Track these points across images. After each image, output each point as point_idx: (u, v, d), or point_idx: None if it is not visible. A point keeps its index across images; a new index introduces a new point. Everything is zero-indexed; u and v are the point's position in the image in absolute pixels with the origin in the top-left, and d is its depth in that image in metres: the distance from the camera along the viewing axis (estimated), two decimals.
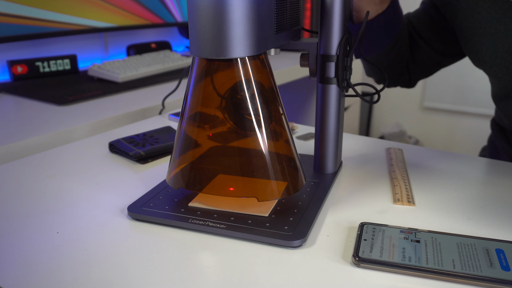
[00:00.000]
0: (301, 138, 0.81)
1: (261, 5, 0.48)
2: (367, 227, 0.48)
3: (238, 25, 0.46)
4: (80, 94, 1.08)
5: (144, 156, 0.70)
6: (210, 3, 0.45)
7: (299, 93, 1.91)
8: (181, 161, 0.53)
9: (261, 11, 0.48)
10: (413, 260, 0.42)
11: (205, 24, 0.46)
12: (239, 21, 0.46)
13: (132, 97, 1.08)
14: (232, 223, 0.49)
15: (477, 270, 0.40)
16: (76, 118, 0.91)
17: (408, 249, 0.44)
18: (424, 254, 0.43)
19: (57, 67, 1.33)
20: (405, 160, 0.69)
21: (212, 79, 0.51)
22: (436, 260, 0.42)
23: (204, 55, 0.48)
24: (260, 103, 0.49)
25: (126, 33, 1.60)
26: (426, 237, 0.46)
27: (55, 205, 0.56)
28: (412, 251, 0.44)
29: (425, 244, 0.45)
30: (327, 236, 0.48)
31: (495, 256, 0.42)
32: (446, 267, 0.41)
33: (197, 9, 0.46)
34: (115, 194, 0.59)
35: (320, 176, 0.62)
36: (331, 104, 0.60)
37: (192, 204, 0.53)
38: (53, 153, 0.74)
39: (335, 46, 0.57)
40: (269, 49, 0.52)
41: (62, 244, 0.47)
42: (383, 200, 0.57)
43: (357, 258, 0.43)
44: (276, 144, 0.52)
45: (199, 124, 0.52)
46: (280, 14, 0.54)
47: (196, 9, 0.46)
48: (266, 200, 0.51)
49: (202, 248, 0.47)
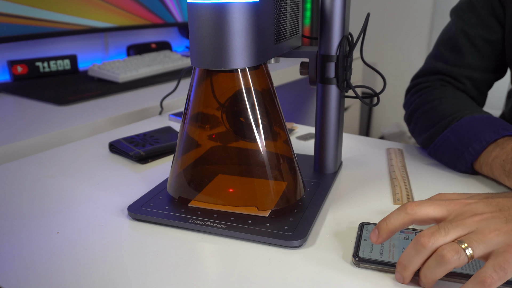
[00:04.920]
0: (301, 138, 0.81)
1: (261, 17, 0.48)
2: (367, 227, 0.48)
3: (239, 37, 0.46)
4: (80, 94, 1.08)
5: (144, 156, 0.69)
6: (211, 15, 0.45)
7: (299, 93, 1.91)
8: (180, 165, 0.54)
9: (261, 23, 0.48)
10: None
11: (206, 36, 0.46)
12: (239, 33, 0.46)
13: (132, 97, 1.08)
14: (232, 223, 0.49)
15: (476, 269, 0.40)
16: (76, 118, 0.91)
17: None
18: None
19: (57, 67, 1.32)
20: (405, 160, 0.69)
21: (213, 89, 0.51)
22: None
23: (205, 66, 0.48)
24: (260, 112, 0.50)
25: (126, 33, 1.60)
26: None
27: (55, 205, 0.56)
28: None
29: None
30: (327, 236, 0.48)
31: None
32: None
33: (198, 21, 0.46)
34: (115, 194, 0.59)
35: (320, 176, 0.62)
36: (331, 104, 0.60)
37: (192, 204, 0.53)
38: (53, 153, 0.74)
39: (335, 46, 0.57)
40: (269, 59, 0.52)
41: (62, 244, 0.47)
42: (383, 200, 0.57)
43: (357, 258, 0.43)
44: (276, 154, 0.52)
45: (200, 126, 0.52)
46: (280, 25, 0.54)
47: (197, 20, 0.46)
48: (266, 209, 0.51)
49: (202, 248, 0.47)
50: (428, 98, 0.74)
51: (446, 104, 0.70)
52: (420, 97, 0.76)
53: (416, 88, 0.79)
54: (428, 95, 0.75)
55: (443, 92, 0.74)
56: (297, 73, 1.48)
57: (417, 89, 0.79)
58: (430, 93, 0.75)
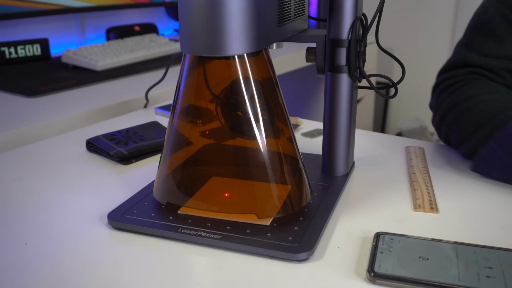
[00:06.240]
0: (307, 135, 0.81)
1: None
2: (384, 237, 0.48)
3: (236, 18, 0.46)
4: (53, 84, 1.08)
5: (127, 156, 0.69)
6: None
7: (305, 83, 1.91)
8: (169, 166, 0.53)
9: (261, 2, 0.48)
10: (437, 276, 0.42)
11: (198, 17, 0.46)
12: (236, 14, 0.46)
13: (113, 88, 1.08)
14: (228, 232, 0.49)
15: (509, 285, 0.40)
16: (48, 111, 0.91)
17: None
18: (450, 269, 0.43)
19: (26, 53, 1.32)
20: (426, 161, 0.69)
21: (206, 78, 0.51)
22: (463, 276, 0.42)
23: (197, 52, 0.48)
24: (260, 105, 0.50)
25: (106, 13, 1.59)
26: (451, 249, 0.46)
27: (23, 212, 0.56)
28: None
29: (450, 258, 0.45)
30: (337, 248, 0.48)
31: None
32: (473, 284, 0.41)
33: (188, 0, 0.46)
34: (93, 199, 0.59)
35: (329, 179, 0.62)
36: (341, 96, 0.60)
37: (182, 211, 0.53)
38: (21, 152, 0.74)
39: (347, 29, 0.57)
40: (271, 44, 0.52)
41: (32, 258, 0.47)
42: (402, 207, 0.57)
43: (372, 274, 0.43)
44: (278, 154, 0.52)
45: (192, 120, 0.52)
46: (283, 4, 0.54)
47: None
48: (267, 217, 0.51)
49: (193, 262, 0.47)
50: (460, 97, 0.71)
51: (485, 103, 0.67)
52: (450, 96, 0.73)
53: (444, 84, 0.76)
54: (460, 92, 0.72)
55: (478, 87, 0.71)
56: (303, 60, 1.48)
57: (446, 86, 0.76)
58: (462, 90, 0.72)
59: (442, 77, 0.78)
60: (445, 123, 0.72)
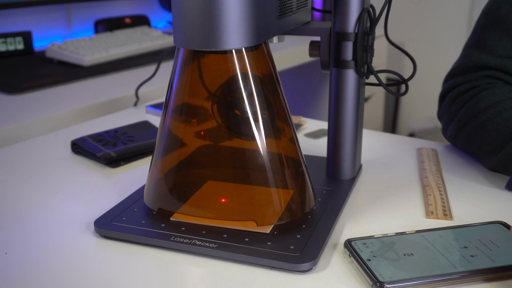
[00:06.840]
0: (311, 135, 0.81)
1: None
2: (356, 243, 0.48)
3: (233, 9, 0.46)
4: (36, 80, 1.08)
5: (115, 158, 0.69)
6: None
7: (309, 79, 1.91)
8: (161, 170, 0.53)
9: None
10: (436, 268, 0.44)
11: (193, 8, 0.46)
12: (234, 5, 0.46)
13: (101, 85, 1.08)
14: (225, 241, 0.49)
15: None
16: (31, 109, 0.91)
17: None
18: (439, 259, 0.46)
19: (7, 47, 1.32)
20: (440, 164, 0.69)
21: (201, 74, 0.51)
22: (455, 262, 0.45)
23: (192, 46, 0.48)
24: (259, 103, 0.50)
25: (94, 4, 1.59)
26: (421, 239, 0.49)
27: (4, 218, 0.56)
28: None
29: (428, 248, 0.47)
30: (343, 258, 0.48)
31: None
32: (469, 267, 0.44)
33: None
34: (79, 205, 0.59)
35: (334, 183, 0.62)
36: (348, 93, 0.60)
37: (175, 217, 0.53)
38: (2, 154, 0.74)
39: (353, 21, 0.57)
40: (271, 37, 0.52)
41: (12, 268, 0.47)
42: (413, 213, 0.57)
43: (378, 284, 0.43)
44: (279, 156, 0.52)
45: (186, 120, 0.52)
46: None
47: None
48: (267, 224, 0.51)
49: (187, 272, 0.47)
50: (478, 106, 0.68)
51: (508, 111, 0.65)
52: (465, 106, 0.70)
53: (455, 91, 0.73)
54: (477, 100, 0.69)
55: (496, 94, 0.68)
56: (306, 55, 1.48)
57: (457, 93, 0.73)
58: (479, 98, 0.69)
59: (451, 83, 0.75)
60: (462, 135, 0.70)
